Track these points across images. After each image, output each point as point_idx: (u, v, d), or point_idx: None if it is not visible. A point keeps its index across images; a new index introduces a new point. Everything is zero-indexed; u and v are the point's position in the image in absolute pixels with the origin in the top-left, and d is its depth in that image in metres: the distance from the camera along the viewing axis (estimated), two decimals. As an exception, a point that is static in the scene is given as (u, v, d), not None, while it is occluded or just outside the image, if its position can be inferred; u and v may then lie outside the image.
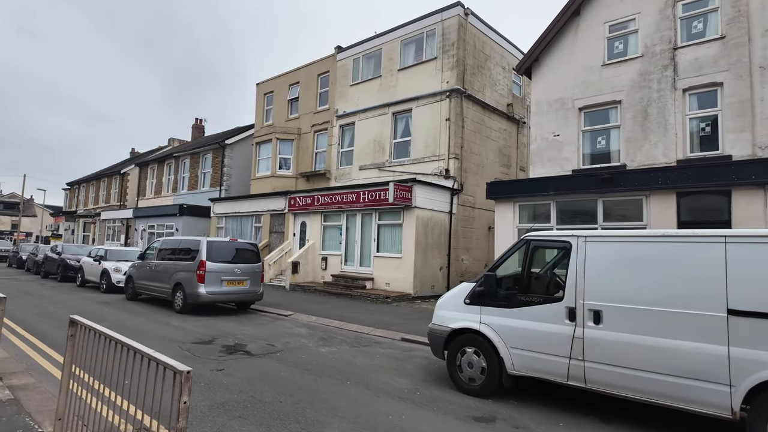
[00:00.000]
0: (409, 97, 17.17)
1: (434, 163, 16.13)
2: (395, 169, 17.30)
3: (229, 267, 11.30)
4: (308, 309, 12.17)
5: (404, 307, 12.84)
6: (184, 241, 11.93)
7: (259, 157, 22.84)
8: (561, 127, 13.19)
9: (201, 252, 11.04)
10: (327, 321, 10.57)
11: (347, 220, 16.42)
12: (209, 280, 10.92)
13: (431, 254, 14.53)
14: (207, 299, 10.89)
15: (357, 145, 19.07)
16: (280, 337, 8.74)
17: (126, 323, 9.51)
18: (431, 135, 16.36)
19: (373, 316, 11.25)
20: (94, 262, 15.79)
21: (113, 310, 11.37)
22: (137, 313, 10.90)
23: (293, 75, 22.83)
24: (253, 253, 11.99)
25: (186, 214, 24.40)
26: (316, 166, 21.16)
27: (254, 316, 11.25)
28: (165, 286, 11.75)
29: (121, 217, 31.16)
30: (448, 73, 16.23)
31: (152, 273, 12.38)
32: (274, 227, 19.58)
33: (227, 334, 8.85)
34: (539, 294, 5.08)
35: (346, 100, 19.83)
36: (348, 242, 16.31)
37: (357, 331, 9.63)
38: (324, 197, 17.01)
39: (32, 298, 12.87)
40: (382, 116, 18.19)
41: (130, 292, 13.27)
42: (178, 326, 9.44)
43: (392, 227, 14.94)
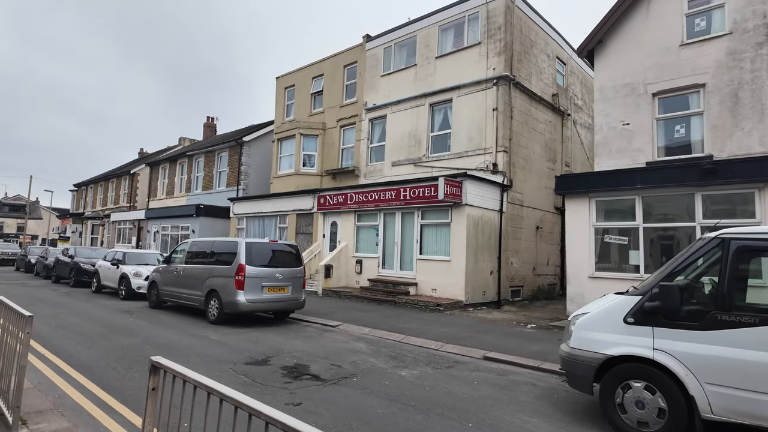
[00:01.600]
0: (449, 86, 15.87)
1: (479, 157, 14.83)
2: (434, 164, 16.00)
3: (269, 272, 10.02)
4: (353, 318, 10.88)
5: (460, 317, 11.53)
6: (219, 243, 10.65)
7: (281, 154, 21.57)
8: (631, 115, 11.86)
9: (239, 255, 9.76)
10: (383, 333, 9.27)
11: (384, 219, 15.12)
12: (249, 287, 9.64)
13: (482, 257, 13.22)
14: (247, 308, 9.61)
15: (389, 139, 17.78)
16: (341, 354, 7.45)
17: (159, 337, 8.23)
18: (475, 126, 15.06)
19: (431, 327, 9.95)
20: (112, 266, 14.54)
21: (139, 320, 10.09)
22: (167, 325, 9.62)
23: (317, 67, 21.57)
24: (294, 255, 10.71)
25: (203, 214, 23.16)
26: (343, 162, 19.88)
27: (298, 327, 9.96)
28: (196, 294, 10.47)
29: (132, 218, 29.96)
30: (494, 59, 14.93)
31: (180, 278, 11.11)
32: (300, 228, 18.30)
33: (279, 350, 7.56)
34: (753, 312, 3.77)
35: (376, 92, 18.56)
36: (386, 244, 15.01)
37: (424, 346, 8.32)
38: (358, 195, 15.72)
39: (47, 307, 11.62)
40: (417, 108, 16.90)
41: (153, 299, 12.00)
42: (219, 341, 8.16)
43: (437, 227, 13.63)
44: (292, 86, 22.77)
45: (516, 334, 9.38)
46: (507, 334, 9.34)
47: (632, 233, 10.21)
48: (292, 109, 22.70)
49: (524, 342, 8.61)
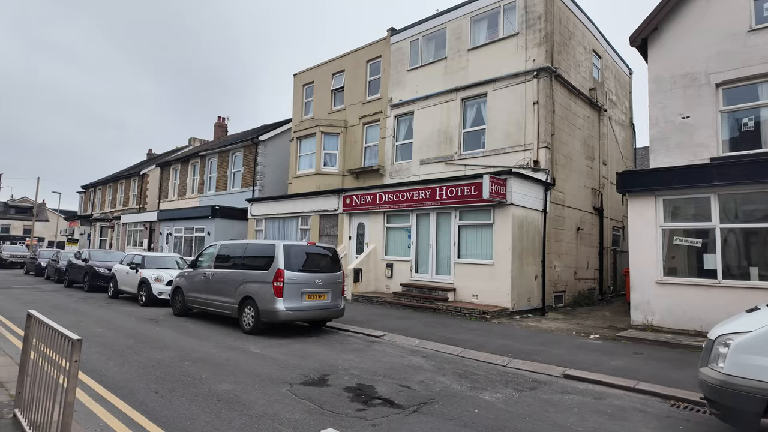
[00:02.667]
0: (484, 80, 15.04)
1: (518, 154, 13.98)
2: (467, 162, 15.16)
3: (309, 277, 9.20)
4: (395, 327, 10.05)
5: (511, 326, 10.67)
6: (253, 246, 9.84)
7: (300, 153, 20.77)
8: (691, 108, 11.00)
9: (278, 259, 8.94)
10: (436, 345, 8.43)
11: (417, 220, 14.28)
12: (288, 294, 8.82)
13: (527, 261, 12.37)
14: (286, 317, 8.79)
15: (417, 136, 16.95)
16: (403, 372, 6.61)
17: (194, 351, 7.41)
18: (513, 122, 14.22)
19: (486, 338, 9.10)
20: (131, 270, 13.74)
21: (167, 330, 9.28)
22: (199, 335, 8.80)
23: (337, 63, 20.78)
24: (332, 259, 9.88)
25: (219, 216, 22.40)
26: (366, 161, 19.06)
27: (340, 338, 9.13)
28: (228, 301, 9.66)
29: (143, 220, 29.23)
30: (533, 50, 14.09)
31: (209, 284, 10.30)
32: (324, 229, 17.48)
33: (333, 367, 6.73)
34: None
35: (403, 88, 17.74)
36: (419, 246, 14.17)
37: (489, 362, 7.47)
38: (388, 195, 14.90)
39: (65, 314, 10.83)
40: (448, 103, 16.07)
41: (178, 306, 11.19)
42: (262, 355, 7.33)
43: (477, 229, 12.78)
44: (311, 83, 21.98)
45: (584, 347, 8.52)
46: (574, 347, 8.47)
47: (709, 235, 9.33)
48: (311, 107, 21.91)
49: (599, 356, 7.75)
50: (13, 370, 6.02)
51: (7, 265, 30.65)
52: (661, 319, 9.45)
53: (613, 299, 16.83)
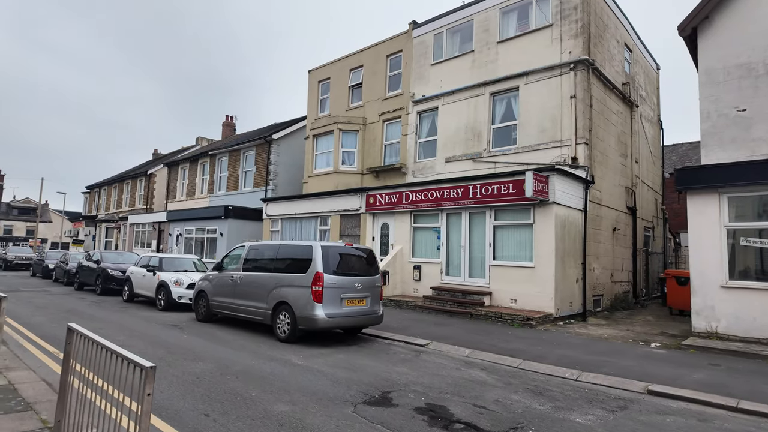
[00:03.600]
0: (515, 73, 14.37)
1: (554, 150, 13.31)
2: (497, 159, 14.49)
3: (348, 281, 8.54)
4: (435, 334, 9.39)
5: (560, 333, 10.00)
6: (287, 248, 9.16)
7: (317, 152, 20.12)
8: (748, 100, 10.32)
9: (315, 261, 8.28)
10: (490, 356, 7.76)
11: (448, 220, 13.62)
12: (328, 299, 8.16)
13: (569, 263, 11.70)
14: (326, 324, 8.13)
15: (441, 133, 16.29)
16: (470, 389, 5.94)
17: (233, 362, 6.74)
18: (548, 117, 13.56)
19: (540, 347, 8.44)
20: (148, 273, 13.08)
21: (194, 338, 8.62)
22: (231, 344, 8.13)
23: (355, 58, 20.13)
24: (368, 261, 9.21)
25: (232, 216, 21.74)
26: (387, 159, 18.40)
27: (382, 347, 8.47)
28: (260, 306, 8.99)
29: (151, 220, 28.59)
30: (569, 41, 13.44)
31: (237, 288, 9.63)
32: (345, 230, 16.82)
33: (390, 382, 6.07)
34: None
35: (426, 83, 17.09)
36: (449, 248, 13.50)
37: (557, 375, 6.80)
38: (415, 194, 14.23)
39: (82, 320, 10.17)
40: (476, 98, 15.41)
41: (202, 311, 10.53)
42: (307, 367, 6.67)
43: (515, 229, 12.12)
44: (327, 79, 21.33)
45: (650, 357, 7.85)
46: (640, 358, 7.80)
47: (783, 235, 8.67)
48: (327, 104, 21.26)
49: (673, 368, 7.08)
50: (40, 388, 5.37)
51: (12, 266, 30.03)
52: (727, 326, 8.78)
53: (647, 302, 16.15)
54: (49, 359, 6.80)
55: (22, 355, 6.88)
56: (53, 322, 9.91)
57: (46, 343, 7.83)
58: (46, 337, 8.35)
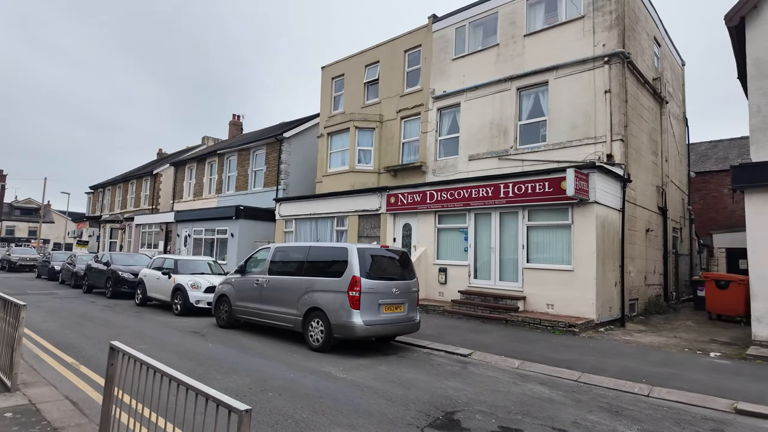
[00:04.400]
0: (544, 68, 13.79)
1: (587, 147, 12.72)
2: (525, 157, 13.90)
3: (385, 285, 7.95)
4: (474, 342, 8.80)
5: (606, 341, 9.41)
6: (318, 250, 8.56)
7: (331, 150, 19.54)
8: (802, 93, 9.74)
9: (352, 264, 7.69)
10: (542, 368, 7.16)
11: (476, 221, 13.02)
12: (365, 305, 7.57)
13: (608, 266, 11.10)
14: (364, 333, 7.53)
15: (464, 130, 15.70)
16: (537, 408, 5.35)
17: (270, 376, 6.14)
18: (580, 112, 12.97)
19: (594, 358, 7.85)
20: (162, 275, 12.49)
21: (220, 346, 8.02)
22: (261, 354, 7.54)
23: (371, 54, 19.56)
24: (404, 264, 8.61)
25: (243, 216, 21.15)
26: (405, 158, 17.81)
27: (420, 355, 7.87)
28: (289, 312, 8.40)
29: (158, 221, 28.00)
30: (603, 33, 12.85)
31: (263, 293, 9.04)
32: (364, 231, 16.22)
33: (448, 399, 5.48)
34: None
35: (447, 78, 16.50)
36: (477, 249, 12.90)
37: (624, 390, 6.21)
38: (441, 193, 13.64)
39: (97, 326, 9.58)
40: (501, 93, 14.82)
41: (224, 317, 9.93)
42: (352, 381, 6.08)
43: (551, 230, 11.52)
44: (341, 76, 20.75)
45: (719, 370, 7.25)
46: (708, 370, 7.20)
47: None
48: (341, 101, 20.68)
49: (749, 382, 6.48)
50: (65, 408, 4.78)
51: (17, 268, 29.44)
52: (793, 334, 8.19)
53: (678, 306, 15.53)
54: (68, 372, 6.22)
55: (39, 367, 6.30)
56: (66, 328, 9.32)
57: (62, 353, 7.24)
58: (60, 345, 7.77)
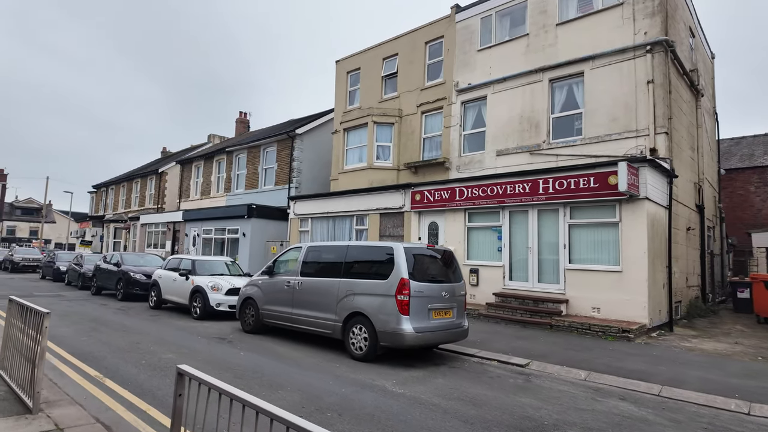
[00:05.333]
0: (579, 58, 13.10)
1: (628, 141, 12.03)
2: (560, 151, 13.21)
3: (435, 288, 7.26)
4: (524, 349, 8.13)
5: (663, 347, 8.71)
6: (357, 249, 7.87)
7: (348, 147, 18.85)
8: None
9: (399, 265, 6.99)
10: (613, 380, 6.47)
11: (510, 219, 12.33)
12: (415, 310, 6.87)
13: (657, 266, 10.41)
14: (414, 341, 6.83)
15: (491, 124, 15.01)
16: (635, 429, 4.66)
17: (320, 391, 5.44)
18: (620, 104, 12.28)
19: (663, 367, 7.16)
20: (179, 277, 11.79)
21: (253, 355, 7.31)
22: (299, 363, 6.84)
23: (389, 46, 18.86)
24: (448, 264, 7.91)
25: (255, 215, 20.44)
26: (426, 154, 17.11)
27: (472, 366, 7.18)
28: (326, 318, 7.70)
29: (165, 220, 27.27)
30: (644, 21, 12.17)
31: (296, 296, 8.33)
32: (386, 230, 15.53)
33: (532, 421, 4.79)
34: None
35: (472, 70, 15.81)
36: (513, 249, 12.21)
37: (716, 406, 5.52)
38: (472, 189, 12.95)
39: (114, 332, 8.88)
40: (531, 85, 14.13)
41: (250, 321, 9.23)
42: (414, 397, 5.38)
43: (595, 228, 10.83)
44: (357, 70, 20.05)
45: (810, 380, 6.57)
46: (799, 380, 6.52)
47: None
48: (357, 96, 19.97)
49: None
50: None
51: (19, 268, 28.71)
52: None
53: (716, 308, 14.85)
54: (93, 387, 5.52)
55: (60, 381, 5.61)
56: (82, 334, 8.63)
57: (82, 363, 6.55)
58: (79, 353, 7.07)
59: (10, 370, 5.51)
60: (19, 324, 5.48)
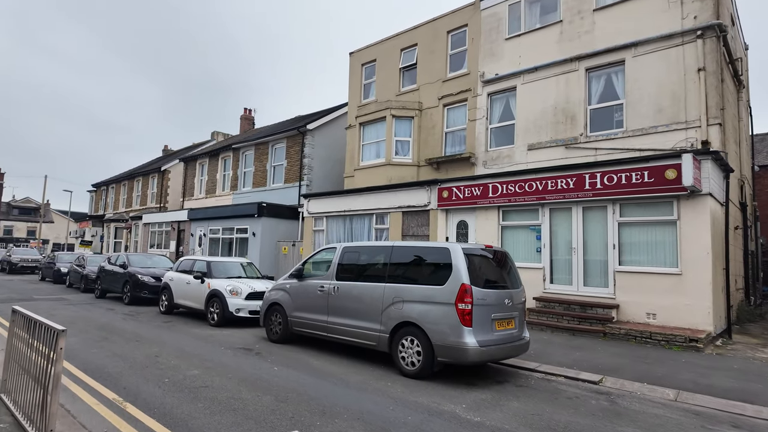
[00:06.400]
0: (619, 45, 12.23)
1: (677, 133, 11.17)
2: (599, 145, 12.35)
3: (498, 295, 6.38)
4: (590, 363, 7.27)
5: (738, 359, 7.86)
6: (403, 250, 6.95)
7: (364, 142, 17.95)
8: None
9: (458, 269, 6.10)
10: (707, 400, 5.62)
11: (551, 217, 11.47)
12: (478, 321, 5.99)
13: (717, 268, 9.56)
14: (478, 357, 5.95)
15: (521, 116, 14.14)
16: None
17: (387, 423, 4.55)
18: (667, 94, 11.43)
19: (759, 385, 6.29)
20: (194, 280, 10.88)
21: (289, 371, 6.41)
22: (345, 382, 5.94)
23: (407, 36, 17.98)
24: (504, 267, 7.03)
25: (266, 214, 19.55)
26: (448, 149, 16.23)
27: (539, 383, 6.31)
28: (370, 328, 6.81)
29: (169, 220, 26.33)
30: (693, 4, 11.32)
31: (332, 302, 7.44)
32: (409, 229, 14.64)
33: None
34: None
35: (499, 60, 14.94)
36: (554, 250, 11.34)
37: None
38: (508, 185, 12.08)
39: (128, 343, 7.97)
40: (566, 75, 13.26)
41: (277, 330, 8.33)
42: (495, 428, 4.51)
43: (648, 227, 9.96)
44: (372, 62, 19.16)
45: None
46: None
47: None
48: (372, 89, 19.08)
49: None
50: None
51: (17, 270, 27.76)
52: None
53: (760, 311, 14.02)
54: (113, 414, 4.64)
55: (74, 408, 4.74)
56: (92, 346, 7.72)
57: (96, 383, 5.65)
58: (91, 370, 6.17)
59: (14, 394, 4.64)
60: (24, 335, 4.62)
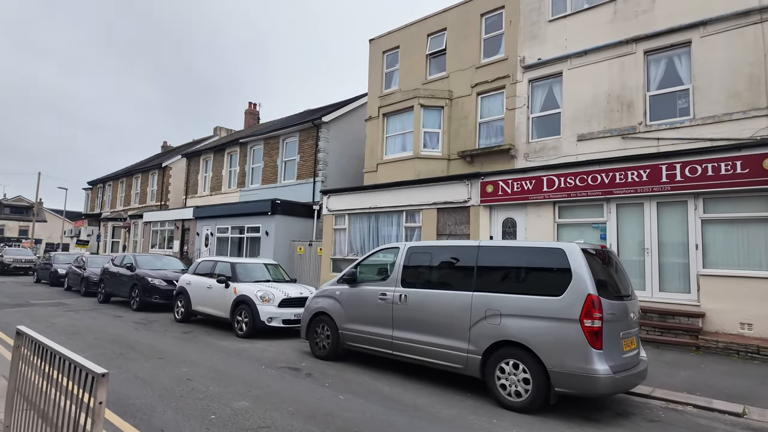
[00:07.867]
0: (684, 24, 11.06)
1: (754, 120, 9.99)
2: (661, 135, 11.16)
3: (624, 307, 5.14)
4: (701, 385, 6.09)
5: None
6: (496, 251, 5.63)
7: (388, 134, 16.68)
8: None
9: (580, 275, 4.85)
10: None
11: (618, 213, 10.26)
12: (607, 341, 4.74)
13: (821, 270, 8.39)
14: (611, 387, 4.70)
15: (568, 104, 12.93)
16: None
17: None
18: (744, 77, 10.26)
19: None
20: (217, 284, 9.54)
21: (357, 400, 5.14)
22: (431, 414, 4.68)
23: (435, 20, 16.72)
24: (619, 271, 5.77)
25: (280, 212, 18.22)
26: (483, 140, 14.99)
27: (654, 414, 5.08)
28: (454, 347, 5.53)
29: (173, 218, 24.92)
30: (776, -23, 10.16)
31: (396, 313, 6.15)
32: (445, 228, 13.38)
33: None
34: None
35: (541, 43, 13.72)
36: (621, 250, 10.10)
37: None
38: (565, 179, 10.87)
39: (148, 361, 6.65)
40: (621, 58, 12.07)
41: (324, 344, 7.04)
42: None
43: (738, 224, 8.78)
44: (395, 49, 17.89)
45: None
46: None
47: None
48: (395, 78, 17.80)
49: None
50: None
51: (10, 271, 26.19)
52: None
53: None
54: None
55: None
56: (106, 365, 6.26)
57: (124, 422, 4.37)
58: (114, 403, 4.85)
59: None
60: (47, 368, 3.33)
